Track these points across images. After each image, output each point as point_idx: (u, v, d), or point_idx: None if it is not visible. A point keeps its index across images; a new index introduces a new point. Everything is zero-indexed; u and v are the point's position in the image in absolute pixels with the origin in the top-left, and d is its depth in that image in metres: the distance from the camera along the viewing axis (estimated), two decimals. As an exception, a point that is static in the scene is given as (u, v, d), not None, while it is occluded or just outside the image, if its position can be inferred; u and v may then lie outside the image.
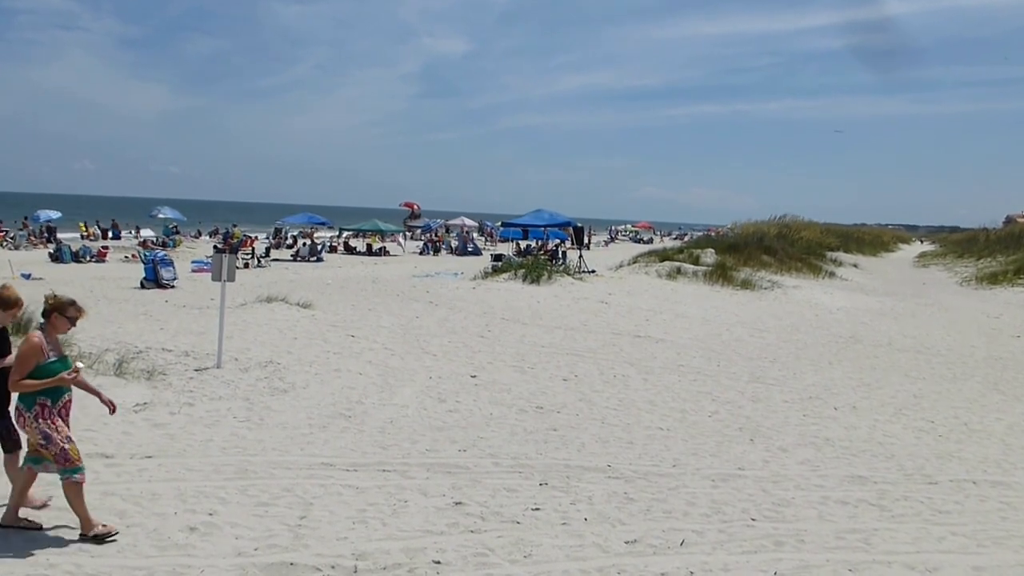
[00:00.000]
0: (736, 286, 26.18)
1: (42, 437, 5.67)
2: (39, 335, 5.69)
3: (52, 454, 5.66)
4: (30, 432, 5.71)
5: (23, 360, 5.58)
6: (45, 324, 5.82)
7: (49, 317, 5.81)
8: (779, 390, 12.57)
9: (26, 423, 5.69)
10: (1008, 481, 8.56)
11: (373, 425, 9.22)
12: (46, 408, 5.69)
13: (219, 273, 11.92)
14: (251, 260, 34.44)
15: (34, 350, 5.61)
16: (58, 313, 5.81)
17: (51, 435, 5.66)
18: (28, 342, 5.61)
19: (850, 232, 70.61)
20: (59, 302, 5.82)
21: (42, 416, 5.67)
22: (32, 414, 5.65)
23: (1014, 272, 37.14)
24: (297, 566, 5.57)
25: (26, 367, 5.59)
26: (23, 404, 5.66)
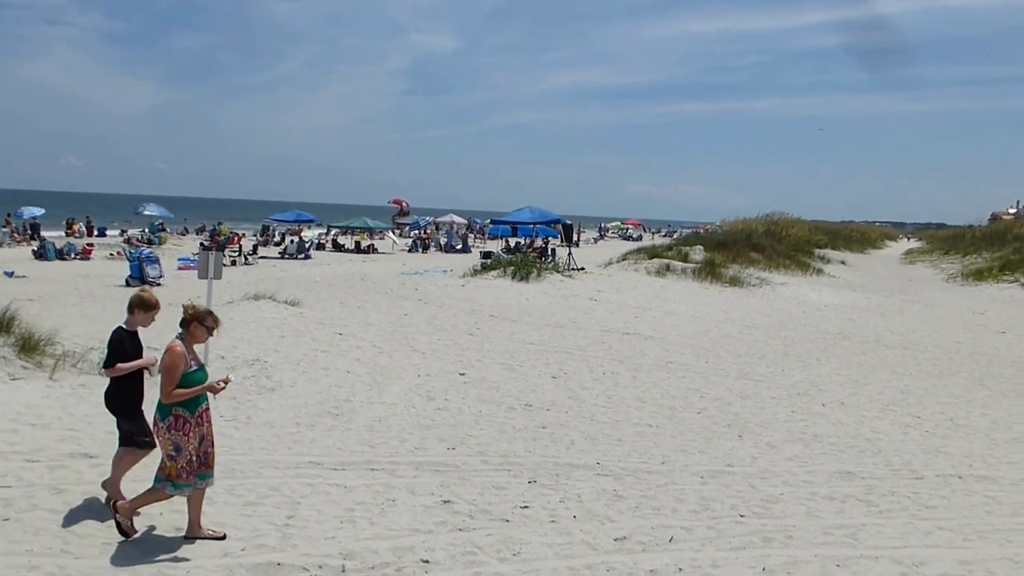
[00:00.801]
0: (725, 283, 26.24)
1: (173, 448, 5.69)
2: (181, 345, 5.72)
3: (178, 466, 5.68)
4: (162, 443, 5.74)
5: (172, 370, 5.61)
6: (184, 333, 5.84)
7: (188, 326, 5.85)
8: (767, 387, 12.60)
9: (159, 433, 5.73)
10: (993, 476, 8.60)
11: (361, 423, 9.18)
12: (180, 419, 5.70)
13: (205, 271, 11.84)
14: (238, 258, 34.27)
15: (180, 360, 5.65)
16: (197, 323, 5.86)
17: (182, 447, 5.70)
18: (173, 353, 5.64)
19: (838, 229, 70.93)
20: (198, 312, 5.88)
21: (175, 427, 5.69)
22: (166, 424, 5.68)
23: (999, 269, 37.39)
24: (284, 566, 5.53)
25: (175, 377, 5.62)
26: (158, 414, 5.70)
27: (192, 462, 5.73)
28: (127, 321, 6.42)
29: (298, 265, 33.88)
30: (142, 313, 6.36)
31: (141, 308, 6.35)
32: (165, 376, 5.62)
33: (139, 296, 6.40)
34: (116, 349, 6.27)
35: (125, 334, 6.36)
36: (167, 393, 5.63)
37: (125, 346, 6.30)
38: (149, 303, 6.35)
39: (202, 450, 5.83)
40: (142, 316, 6.38)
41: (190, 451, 5.72)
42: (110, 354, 6.28)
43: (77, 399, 9.02)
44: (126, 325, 6.41)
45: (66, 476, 6.97)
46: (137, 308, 6.36)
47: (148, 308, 6.36)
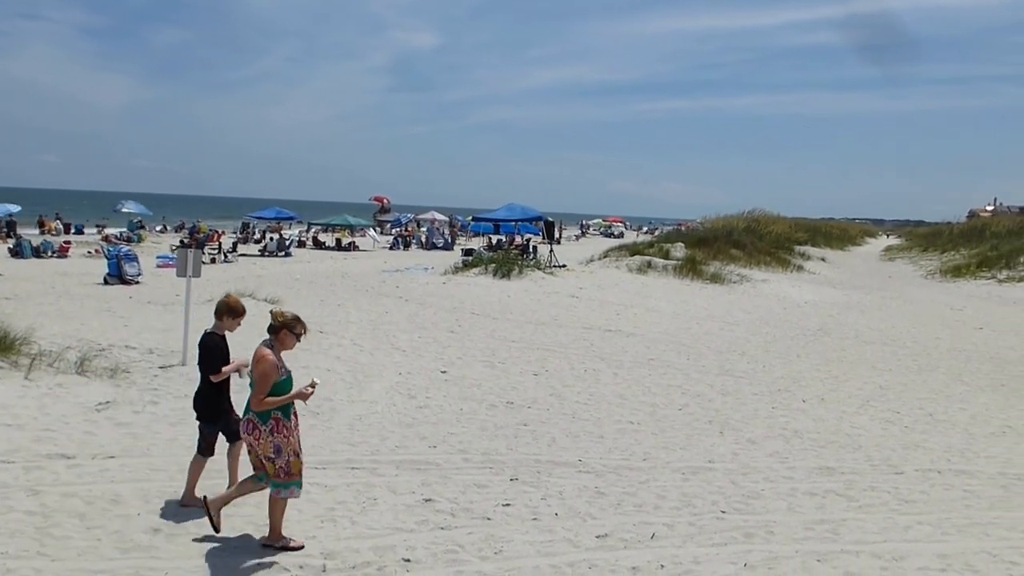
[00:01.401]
0: (706, 280, 26.33)
1: (273, 450, 5.74)
2: (272, 353, 5.75)
3: (276, 467, 5.73)
4: (263, 445, 5.76)
5: (266, 379, 5.66)
6: (273, 341, 5.85)
7: (278, 333, 5.85)
8: (748, 383, 12.65)
9: (260, 436, 5.75)
10: (971, 470, 8.68)
11: (342, 422, 9.13)
12: (280, 422, 5.76)
13: (184, 268, 11.73)
14: (218, 255, 34.01)
15: (273, 369, 5.69)
16: (287, 330, 5.85)
17: (282, 448, 5.76)
18: (266, 361, 5.67)
19: (818, 226, 71.34)
20: (287, 319, 5.86)
21: (276, 430, 5.74)
22: (267, 428, 5.73)
23: (977, 265, 37.83)
24: (264, 565, 5.48)
25: (268, 385, 5.66)
26: (259, 418, 5.75)
27: (290, 462, 5.79)
28: (215, 326, 6.54)
29: (278, 263, 33.69)
30: (229, 319, 6.51)
31: (229, 314, 6.50)
32: (259, 384, 5.67)
33: (227, 303, 6.54)
34: (215, 353, 6.41)
35: (219, 339, 6.49)
36: (259, 401, 5.68)
37: (223, 350, 6.46)
38: (237, 310, 6.51)
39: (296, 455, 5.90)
40: (229, 322, 6.53)
41: (289, 452, 5.79)
42: (211, 359, 6.41)
43: (54, 399, 8.90)
44: (214, 330, 6.53)
45: (43, 477, 6.87)
46: (225, 314, 6.50)
47: (235, 315, 6.52)
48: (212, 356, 6.41)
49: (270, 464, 5.75)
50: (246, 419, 5.82)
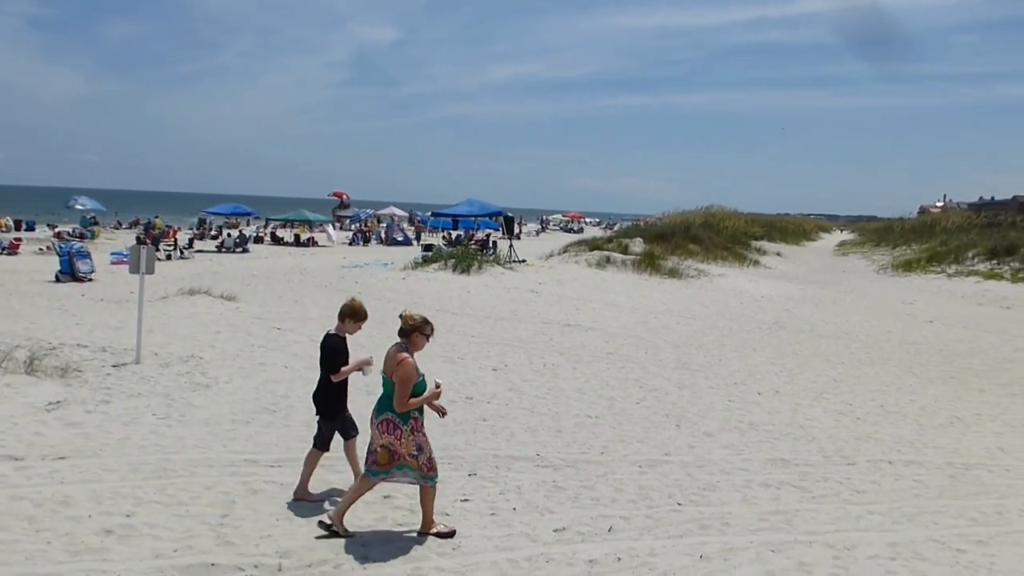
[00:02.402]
0: (664, 275, 26.59)
1: (416, 448, 5.98)
2: (409, 355, 5.93)
3: (420, 463, 5.99)
4: (405, 444, 5.96)
5: (408, 381, 5.86)
6: (405, 343, 6.00)
7: (409, 336, 6.01)
8: (705, 376, 12.79)
9: (401, 436, 5.95)
10: (921, 460, 8.88)
11: (299, 419, 9.03)
12: (418, 421, 6.00)
13: (137, 265, 11.51)
14: (174, 251, 33.51)
15: (414, 371, 5.90)
16: (418, 332, 6.02)
17: (423, 446, 6.02)
18: (406, 364, 5.86)
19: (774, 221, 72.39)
20: (417, 322, 6.02)
21: (416, 429, 5.98)
22: (408, 428, 5.95)
23: (927, 260, 38.73)
24: (219, 566, 5.41)
25: (410, 386, 5.88)
26: (399, 419, 5.93)
27: (431, 456, 6.06)
28: (337, 328, 6.73)
29: (235, 259, 33.26)
30: (351, 322, 6.68)
31: (351, 317, 6.67)
32: (402, 386, 5.86)
33: (351, 306, 6.68)
34: (337, 353, 6.64)
35: (340, 340, 6.70)
36: (403, 402, 5.87)
37: (344, 350, 6.66)
38: (360, 313, 6.69)
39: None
40: (351, 324, 6.69)
41: (430, 447, 6.07)
42: (332, 358, 6.63)
43: (2, 399, 8.69)
44: (336, 331, 6.72)
45: (-12, 479, 6.70)
46: (348, 317, 6.66)
47: (358, 318, 6.70)
48: (334, 356, 6.63)
49: (414, 460, 6.00)
50: (383, 419, 5.99)
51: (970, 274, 33.92)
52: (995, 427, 10.55)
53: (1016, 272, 33.07)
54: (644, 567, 5.81)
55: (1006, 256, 35.06)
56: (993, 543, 6.59)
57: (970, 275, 33.75)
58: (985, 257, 35.81)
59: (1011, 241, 36.97)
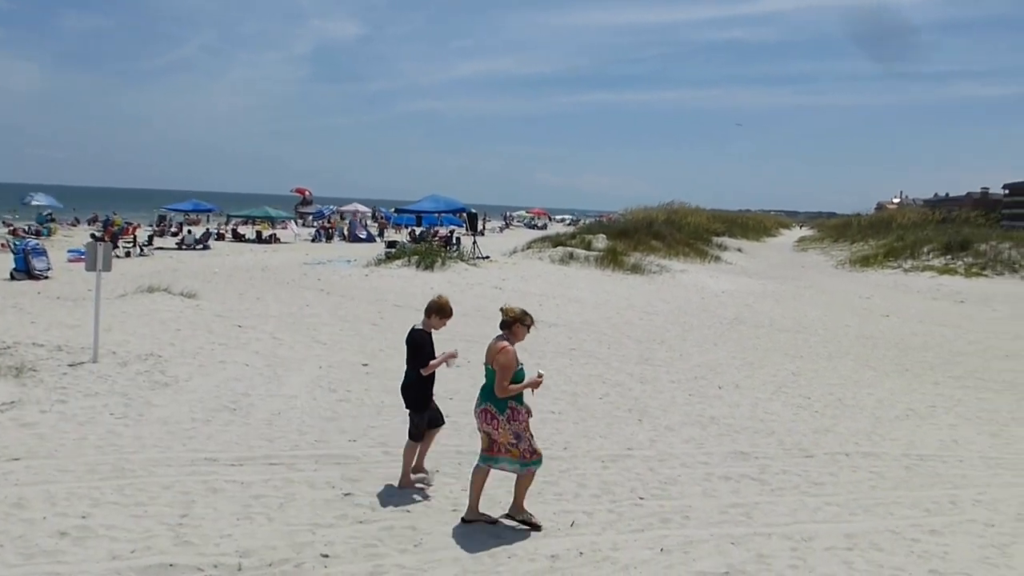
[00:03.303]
0: (626, 270, 26.75)
1: (513, 436, 6.22)
2: (510, 345, 6.21)
3: (520, 450, 6.22)
4: (502, 434, 6.21)
5: (508, 369, 6.13)
6: (508, 334, 6.30)
7: (511, 327, 6.32)
8: (666, 371, 12.90)
9: (498, 425, 6.22)
10: (877, 452, 9.05)
11: (260, 417, 8.95)
12: (515, 411, 6.23)
13: (94, 263, 11.30)
14: (133, 249, 32.95)
15: (514, 359, 6.18)
16: (519, 323, 6.33)
17: (522, 434, 6.24)
18: (506, 352, 6.14)
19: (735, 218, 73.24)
20: (517, 314, 6.33)
21: (512, 418, 6.21)
22: (504, 417, 6.20)
23: (884, 255, 39.46)
24: (177, 567, 5.34)
25: (510, 374, 6.15)
26: (496, 408, 6.21)
27: (532, 443, 6.26)
28: (423, 323, 7.02)
29: (196, 256, 32.81)
30: (437, 318, 6.98)
31: (438, 314, 6.97)
32: (502, 374, 6.13)
33: (437, 303, 6.99)
34: (425, 348, 6.91)
35: (427, 335, 6.97)
36: (503, 388, 6.14)
37: (430, 345, 6.93)
38: (445, 310, 6.99)
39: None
40: (437, 320, 6.99)
41: (528, 436, 6.27)
42: (421, 353, 6.90)
43: None
44: (422, 327, 6.99)
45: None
46: (434, 313, 6.97)
47: (443, 315, 7.00)
48: (422, 351, 6.89)
49: (514, 449, 6.22)
50: (482, 409, 6.29)
51: (925, 269, 34.62)
52: (949, 419, 10.79)
53: (969, 267, 33.83)
54: (606, 561, 5.85)
55: (960, 251, 35.85)
56: (947, 532, 6.74)
57: (925, 270, 34.46)
58: (940, 252, 36.57)
59: (964, 237, 37.82)
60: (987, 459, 8.98)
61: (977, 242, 36.60)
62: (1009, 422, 10.76)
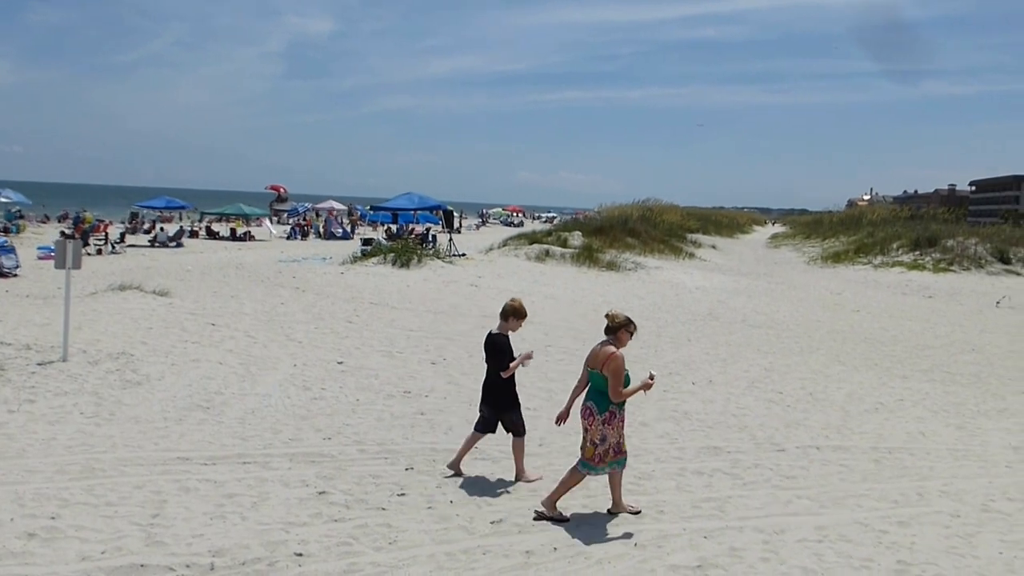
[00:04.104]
0: (602, 267, 26.85)
1: (600, 437, 6.41)
2: (618, 351, 6.39)
3: (596, 452, 6.41)
4: (593, 431, 6.42)
5: (620, 373, 6.35)
6: (613, 339, 6.49)
7: (616, 333, 6.51)
8: (641, 367, 12.85)
9: (593, 423, 6.42)
10: (847, 445, 9.17)
11: (233, 416, 8.90)
12: (613, 415, 6.43)
13: (63, 260, 11.17)
14: (104, 246, 32.58)
15: (622, 364, 6.38)
16: (624, 329, 6.53)
17: (607, 437, 6.41)
18: (616, 358, 6.35)
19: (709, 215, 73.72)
20: (622, 320, 6.54)
21: (608, 421, 6.40)
22: (602, 417, 6.40)
23: (854, 251, 39.93)
24: (148, 567, 5.31)
25: (622, 378, 6.38)
26: (597, 407, 6.42)
27: (608, 451, 6.43)
28: (500, 327, 7.31)
29: (169, 254, 32.51)
30: (515, 320, 7.28)
31: (514, 316, 7.27)
32: (615, 378, 6.33)
33: (513, 306, 7.28)
34: (506, 351, 7.19)
35: (506, 338, 7.26)
36: (617, 393, 6.35)
37: (510, 347, 7.23)
38: (521, 312, 7.29)
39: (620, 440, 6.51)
40: (514, 323, 7.29)
41: (611, 442, 6.43)
42: (504, 356, 7.18)
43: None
44: (500, 330, 7.29)
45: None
46: (511, 316, 7.27)
47: (519, 317, 7.30)
48: (503, 353, 7.17)
49: (592, 448, 6.41)
50: (585, 407, 6.51)
51: (895, 265, 35.06)
52: (917, 412, 10.95)
53: (937, 263, 34.30)
54: (580, 556, 5.89)
55: (928, 247, 36.35)
56: (914, 523, 6.85)
57: (895, 266, 34.89)
58: (908, 248, 37.05)
59: (932, 233, 38.35)
60: (953, 451, 9.13)
61: (945, 238, 37.12)
62: (975, 415, 10.95)
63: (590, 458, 6.45)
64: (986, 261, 33.99)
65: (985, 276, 32.24)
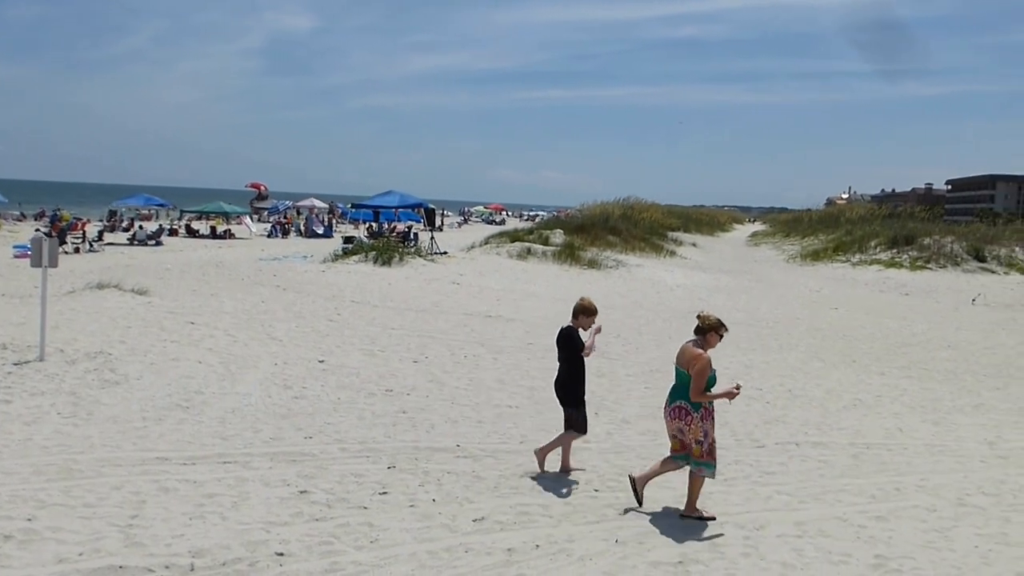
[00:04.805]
0: (584, 265, 26.92)
1: (702, 434, 6.54)
2: (704, 352, 6.52)
3: (702, 449, 6.53)
4: (693, 430, 6.56)
5: (704, 374, 6.47)
6: (702, 340, 6.62)
7: (705, 334, 6.65)
8: (622, 364, 13.02)
9: (692, 422, 6.58)
10: (826, 441, 9.25)
11: (213, 415, 8.85)
12: (708, 411, 6.60)
13: (39, 259, 11.04)
14: (82, 244, 32.24)
15: (709, 365, 6.51)
16: (713, 331, 6.66)
17: (708, 433, 6.56)
18: (703, 359, 6.48)
19: (690, 213, 74.02)
20: (712, 322, 6.69)
21: (705, 418, 6.56)
22: (699, 415, 6.56)
23: (833, 249, 40.23)
24: (127, 568, 5.27)
25: (706, 379, 6.48)
26: (692, 407, 6.58)
27: (713, 446, 6.59)
28: (571, 323, 7.63)
29: (148, 252, 32.23)
30: (584, 317, 7.56)
31: (584, 313, 7.54)
32: (699, 379, 6.45)
33: (583, 305, 7.56)
34: (578, 344, 7.55)
35: (576, 330, 7.61)
36: (699, 393, 6.47)
37: (580, 338, 7.57)
38: (591, 309, 7.55)
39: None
40: (585, 320, 7.58)
41: (712, 436, 6.58)
42: (574, 344, 7.52)
43: None
44: (572, 325, 7.62)
45: None
46: (581, 314, 7.55)
47: (589, 314, 7.56)
48: (574, 345, 7.54)
49: (698, 447, 6.53)
50: (675, 406, 6.65)
51: (872, 263, 35.36)
52: (894, 408, 11.06)
53: (914, 261, 34.64)
54: (561, 553, 5.91)
55: (905, 245, 36.68)
56: (892, 518, 6.92)
57: (872, 264, 35.19)
58: (886, 246, 37.36)
59: (910, 231, 38.70)
60: (930, 447, 9.23)
61: (921, 236, 37.47)
62: (951, 411, 11.07)
63: (699, 456, 6.56)
64: (962, 259, 34.35)
65: (961, 274, 32.60)
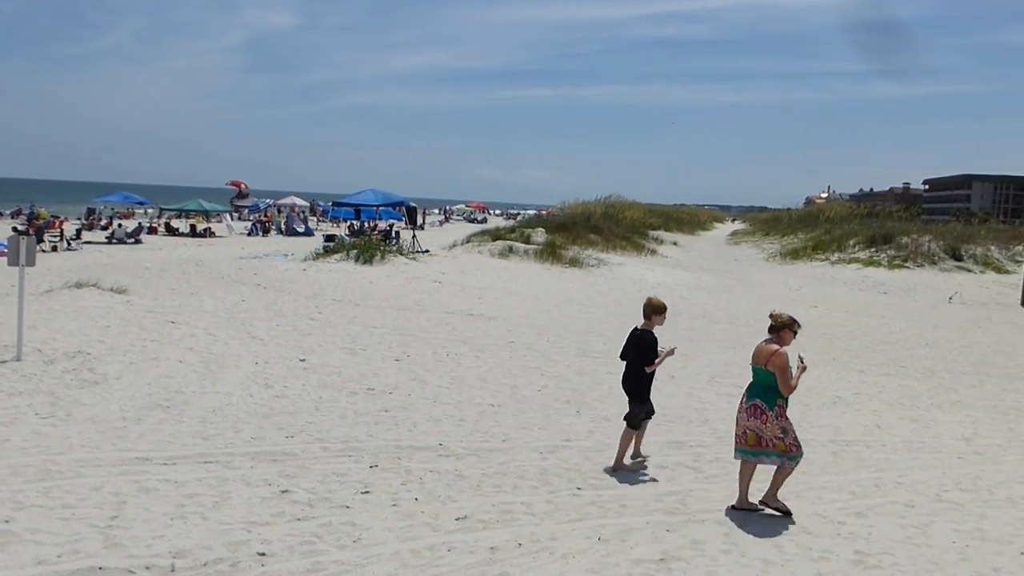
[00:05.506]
0: (565, 264, 26.96)
1: (780, 431, 6.76)
2: (781, 348, 6.76)
3: (786, 444, 6.75)
4: (771, 428, 6.75)
5: (785, 368, 6.72)
6: (776, 338, 6.88)
7: (779, 332, 6.91)
8: (604, 363, 13.04)
9: (768, 420, 6.77)
10: (806, 438, 9.21)
11: (193, 415, 8.79)
12: (782, 408, 6.79)
13: (16, 257, 10.92)
14: (60, 243, 31.90)
15: (787, 360, 6.75)
16: (787, 329, 6.93)
17: (788, 429, 6.80)
18: (781, 355, 6.74)
19: (671, 212, 74.32)
20: (785, 319, 6.96)
21: (780, 414, 6.77)
22: (774, 413, 6.76)
23: (812, 248, 40.58)
24: (107, 570, 5.23)
25: (788, 372, 6.74)
26: (766, 404, 6.79)
27: (796, 438, 6.81)
28: (645, 325, 7.80)
29: (127, 250, 31.96)
30: (657, 316, 7.79)
31: (656, 312, 7.77)
32: (782, 373, 6.70)
33: (653, 304, 7.78)
34: (653, 347, 7.71)
35: (652, 335, 7.77)
36: (787, 386, 6.72)
37: (657, 345, 7.73)
38: (661, 307, 7.78)
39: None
40: (657, 319, 7.80)
41: (792, 431, 6.81)
42: (649, 352, 7.70)
43: None
44: (645, 327, 7.79)
45: None
46: (654, 314, 7.77)
47: (660, 312, 7.79)
48: (650, 350, 7.69)
49: (780, 442, 6.75)
50: (751, 405, 6.86)
51: (851, 261, 35.69)
52: (873, 405, 11.17)
53: (892, 259, 35.00)
54: (544, 551, 5.93)
55: (883, 244, 37.06)
56: (871, 514, 7.01)
57: (851, 262, 35.53)
58: (865, 245, 37.74)
59: (888, 230, 39.13)
60: (909, 443, 9.34)
61: (899, 235, 37.88)
62: (929, 407, 11.20)
63: (785, 450, 6.76)
64: (939, 258, 34.75)
65: (938, 272, 32.98)
